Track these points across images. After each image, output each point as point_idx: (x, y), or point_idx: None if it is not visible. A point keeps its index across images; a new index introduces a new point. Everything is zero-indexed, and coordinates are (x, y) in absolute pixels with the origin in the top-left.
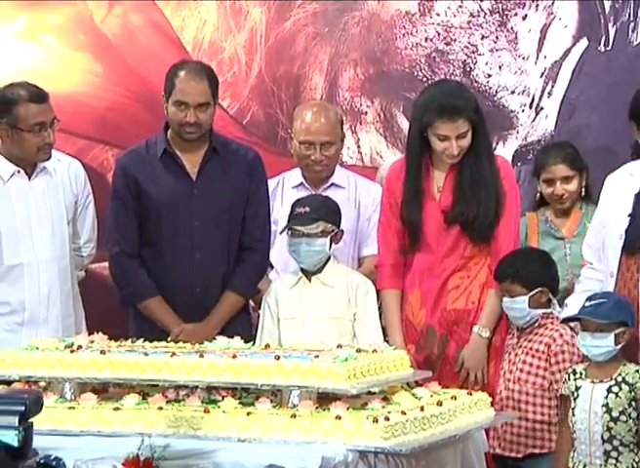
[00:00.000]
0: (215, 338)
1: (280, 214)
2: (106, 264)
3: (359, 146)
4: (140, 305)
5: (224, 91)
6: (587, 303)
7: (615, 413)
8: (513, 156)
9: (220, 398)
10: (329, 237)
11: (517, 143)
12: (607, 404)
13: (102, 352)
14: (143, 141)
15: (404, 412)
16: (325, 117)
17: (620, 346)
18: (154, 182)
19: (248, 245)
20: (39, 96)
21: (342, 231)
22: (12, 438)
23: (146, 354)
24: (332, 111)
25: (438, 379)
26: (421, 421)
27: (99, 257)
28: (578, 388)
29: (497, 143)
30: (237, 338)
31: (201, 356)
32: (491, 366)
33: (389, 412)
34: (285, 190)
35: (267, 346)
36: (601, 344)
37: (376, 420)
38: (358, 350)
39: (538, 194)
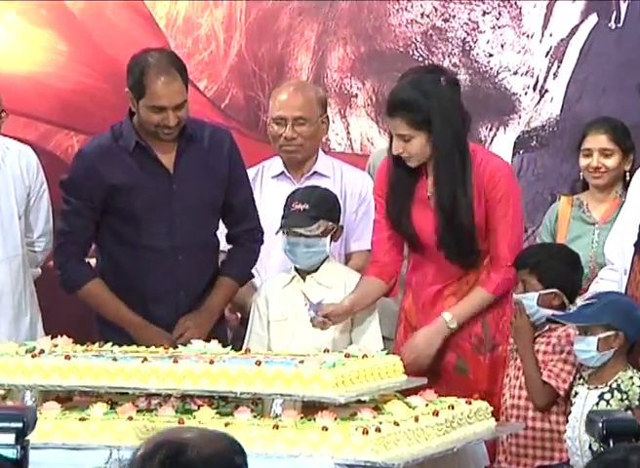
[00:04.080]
0: (191, 342)
1: (260, 206)
2: None
3: (349, 132)
4: (80, 292)
5: (201, 71)
6: (580, 303)
7: None
8: (515, 143)
9: (196, 407)
10: (329, 236)
11: (519, 129)
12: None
13: (67, 357)
14: (108, 132)
15: (397, 423)
16: (302, 94)
17: (609, 352)
18: (128, 180)
19: (240, 235)
20: None
21: (342, 227)
22: (9, 456)
23: (115, 359)
24: (311, 90)
25: (438, 387)
26: (416, 433)
27: None
28: (576, 394)
29: (497, 129)
30: (214, 342)
31: (175, 361)
32: (498, 378)
33: (381, 423)
34: (264, 180)
35: (247, 351)
36: (584, 348)
37: (366, 432)
38: (347, 355)
39: (581, 174)
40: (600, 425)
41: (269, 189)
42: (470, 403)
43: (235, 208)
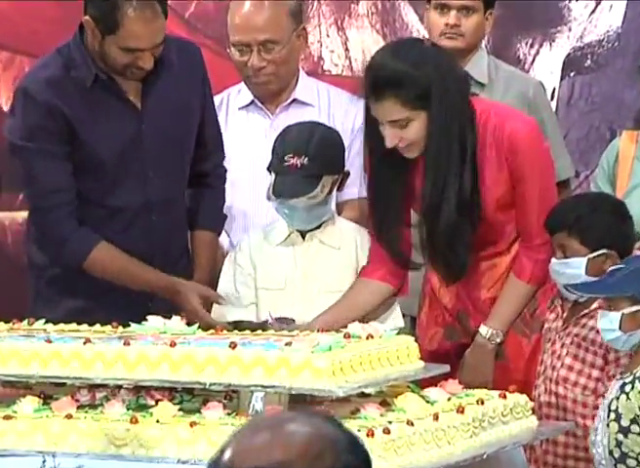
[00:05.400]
0: (146, 319)
1: (225, 145)
2: None
3: (347, 49)
4: (85, 264)
5: None
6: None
7: (624, 422)
8: (564, 63)
9: (153, 402)
10: (335, 189)
11: (569, 45)
12: (617, 408)
13: None
14: (52, 57)
15: (411, 423)
16: (265, 8)
17: (638, 331)
18: (90, 122)
19: (209, 173)
20: None
21: (349, 172)
22: None
23: (50, 341)
24: None
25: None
26: (435, 434)
27: None
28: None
29: (540, 45)
30: (177, 318)
31: (126, 343)
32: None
33: (390, 423)
34: (230, 112)
35: (219, 330)
36: (607, 327)
37: (371, 433)
38: (347, 335)
39: None
40: None
41: (237, 123)
42: (505, 396)
43: (206, 139)
